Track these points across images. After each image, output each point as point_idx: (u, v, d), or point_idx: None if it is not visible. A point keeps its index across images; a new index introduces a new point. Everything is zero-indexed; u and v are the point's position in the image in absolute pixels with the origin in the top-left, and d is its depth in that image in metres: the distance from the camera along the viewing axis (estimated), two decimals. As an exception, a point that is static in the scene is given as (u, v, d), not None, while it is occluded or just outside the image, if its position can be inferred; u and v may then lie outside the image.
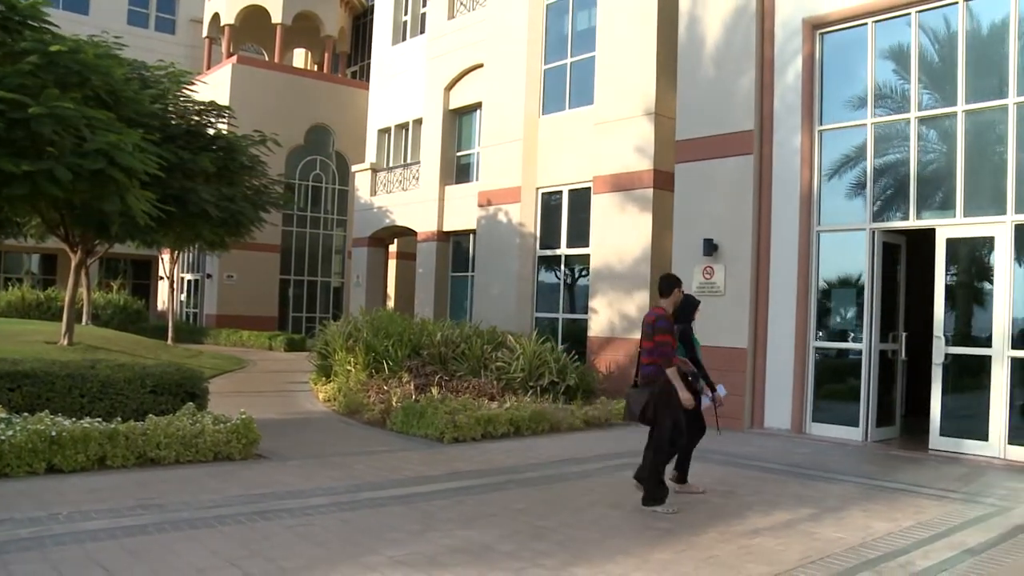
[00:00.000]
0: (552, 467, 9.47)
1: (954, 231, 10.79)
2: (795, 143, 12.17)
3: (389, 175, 25.21)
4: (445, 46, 22.28)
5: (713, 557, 5.94)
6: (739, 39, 12.87)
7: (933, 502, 7.99)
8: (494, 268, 18.38)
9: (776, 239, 12.32)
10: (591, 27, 16.79)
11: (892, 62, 11.58)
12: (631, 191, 15.24)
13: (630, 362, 14.82)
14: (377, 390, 13.48)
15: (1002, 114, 10.44)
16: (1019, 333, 10.22)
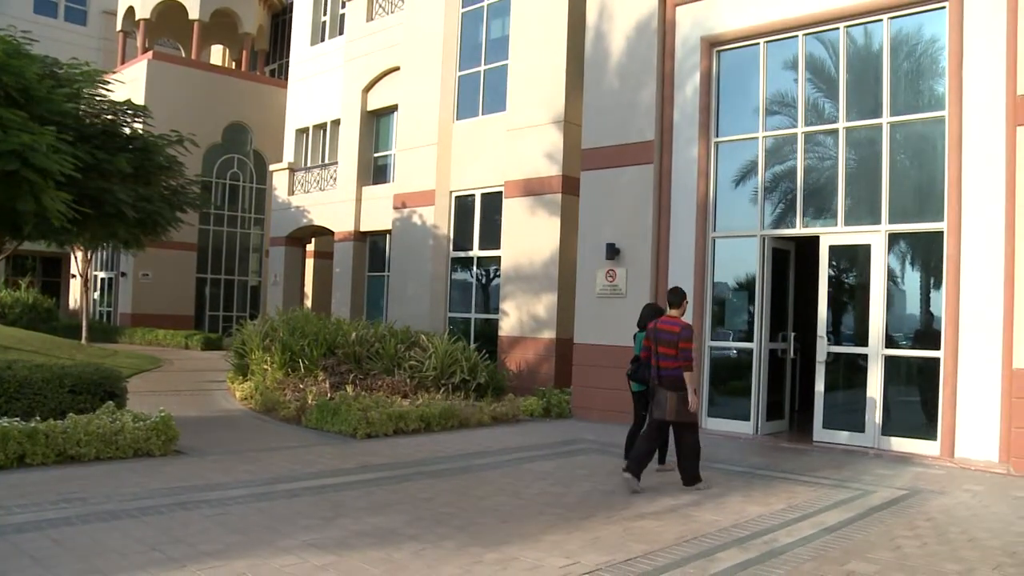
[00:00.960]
0: (459, 460, 9.93)
1: (835, 239, 11.60)
2: (693, 154, 12.87)
3: (307, 175, 25.33)
4: (363, 48, 22.52)
5: (598, 538, 6.46)
6: (642, 54, 13.51)
7: (806, 488, 8.69)
8: (409, 269, 18.76)
9: (675, 244, 13.01)
10: (504, 36, 17.31)
11: (782, 80, 12.35)
12: (541, 196, 15.81)
13: (539, 360, 15.42)
14: (293, 388, 13.76)
15: (877, 132, 11.29)
16: (892, 333, 11.06)
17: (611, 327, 13.40)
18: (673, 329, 8.51)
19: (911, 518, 7.46)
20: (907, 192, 11.12)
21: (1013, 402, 9.83)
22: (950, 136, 10.58)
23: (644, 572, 5.62)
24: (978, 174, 10.35)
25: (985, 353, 10.18)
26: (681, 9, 13.23)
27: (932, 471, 9.78)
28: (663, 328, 8.58)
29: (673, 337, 8.43)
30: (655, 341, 8.58)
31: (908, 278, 11.35)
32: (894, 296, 11.17)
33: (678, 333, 8.45)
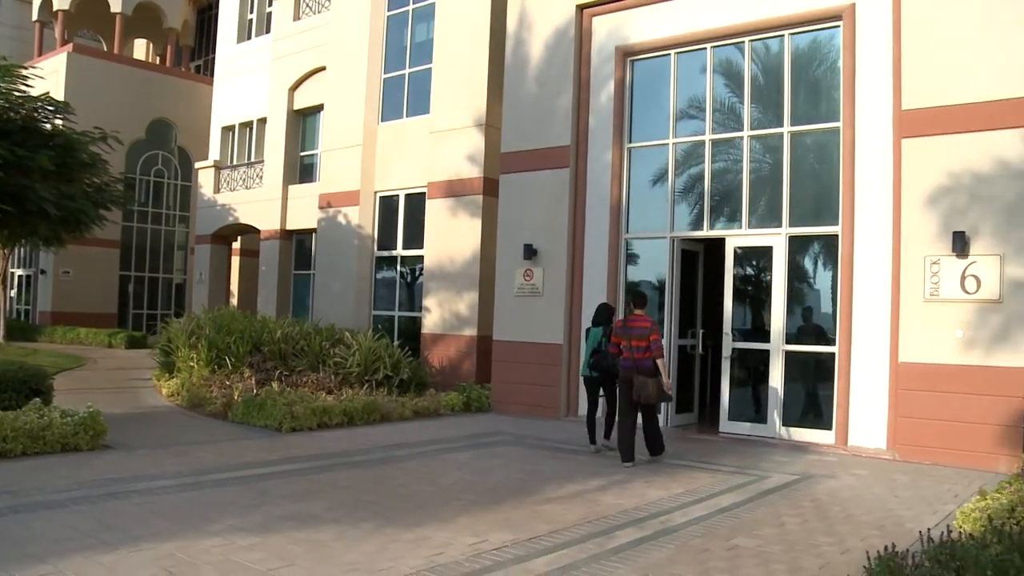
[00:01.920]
0: (380, 451, 10.31)
1: (740, 241, 12.31)
2: (607, 158, 13.45)
3: (233, 173, 25.31)
4: (290, 47, 22.63)
5: (508, 519, 6.94)
6: (559, 61, 14.04)
7: (707, 474, 9.30)
8: (334, 267, 19.02)
9: (589, 245, 13.58)
10: (429, 40, 17.69)
11: (691, 89, 13.01)
12: (462, 197, 16.25)
13: (461, 357, 15.86)
14: (219, 385, 13.96)
15: (779, 140, 12.02)
16: (792, 330, 11.78)
17: (529, 325, 13.93)
18: (644, 325, 9.89)
19: (798, 500, 8.10)
20: (806, 197, 11.86)
21: (899, 393, 10.60)
22: (844, 146, 11.34)
23: (546, 548, 6.11)
24: (869, 182, 11.12)
25: (875, 348, 10.94)
26: (597, 19, 13.82)
27: (826, 458, 10.49)
28: (633, 324, 9.93)
29: (644, 331, 9.80)
30: (627, 336, 9.87)
31: (807, 278, 12.08)
32: (794, 295, 11.89)
33: (648, 328, 9.84)
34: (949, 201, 10.40)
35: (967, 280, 10.23)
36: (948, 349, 10.27)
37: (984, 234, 10.17)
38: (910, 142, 10.71)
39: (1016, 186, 10.00)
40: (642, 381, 9.74)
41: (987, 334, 10.06)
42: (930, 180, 10.52)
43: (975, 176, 10.26)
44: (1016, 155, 10.01)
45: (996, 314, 10.03)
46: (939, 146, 10.50)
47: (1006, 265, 9.99)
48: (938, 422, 10.21)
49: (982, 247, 10.16)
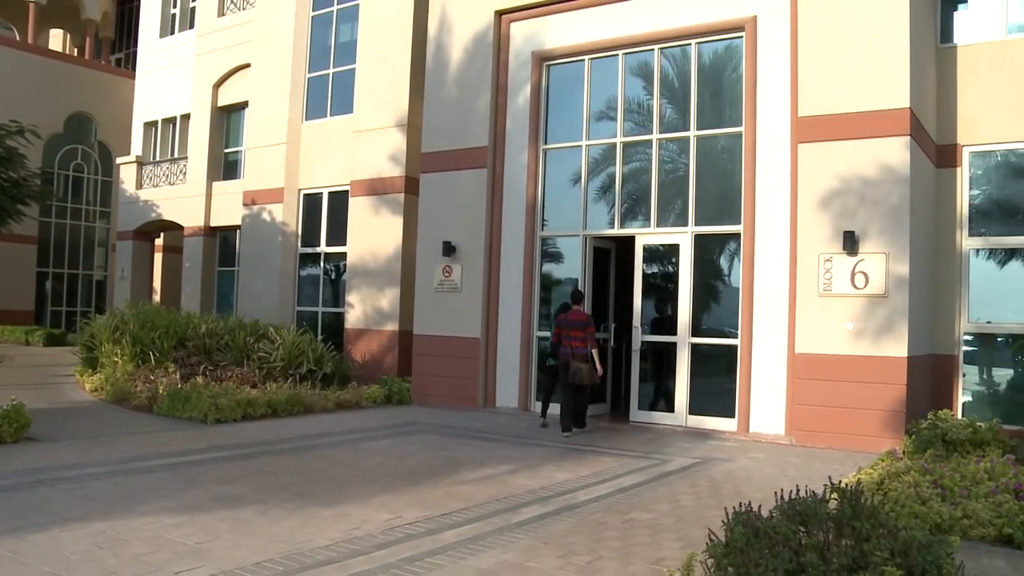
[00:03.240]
0: (303, 440, 10.68)
1: (649, 239, 12.96)
2: (523, 159, 13.99)
3: (156, 169, 25.15)
4: (214, 43, 22.61)
5: (422, 499, 7.41)
6: (478, 65, 14.52)
7: (613, 459, 9.88)
8: (258, 264, 19.19)
9: (506, 242, 14.12)
10: (353, 41, 18.00)
11: (604, 94, 13.63)
12: (385, 195, 16.62)
13: (383, 351, 16.24)
14: (144, 379, 14.08)
15: (686, 144, 12.70)
16: (697, 324, 12.47)
17: (448, 319, 14.40)
18: (581, 319, 11.77)
19: (696, 480, 8.72)
20: (711, 198, 12.55)
21: (796, 382, 11.34)
22: (746, 149, 12.06)
23: (456, 522, 6.59)
24: (769, 184, 11.86)
25: (774, 340, 11.68)
26: (515, 25, 14.35)
27: (728, 444, 11.18)
28: (573, 319, 11.78)
29: (581, 325, 11.68)
30: (567, 327, 11.71)
31: (711, 274, 12.78)
32: (699, 290, 12.58)
33: (584, 322, 11.73)
34: (840, 203, 11.18)
35: (857, 276, 11.01)
36: (840, 340, 11.04)
37: (872, 234, 10.97)
38: (806, 147, 11.47)
39: (899, 190, 10.82)
40: (576, 366, 11.47)
41: (874, 326, 10.86)
42: (823, 183, 11.29)
43: (864, 180, 11.06)
44: (900, 161, 10.83)
45: (882, 308, 10.84)
46: (832, 152, 11.27)
47: (891, 263, 10.80)
48: (831, 408, 10.98)
49: (870, 246, 10.96)
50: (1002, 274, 12.23)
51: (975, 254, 12.23)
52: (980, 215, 12.32)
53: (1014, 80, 11.95)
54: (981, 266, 12.25)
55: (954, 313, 12.21)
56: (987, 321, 12.10)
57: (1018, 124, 11.90)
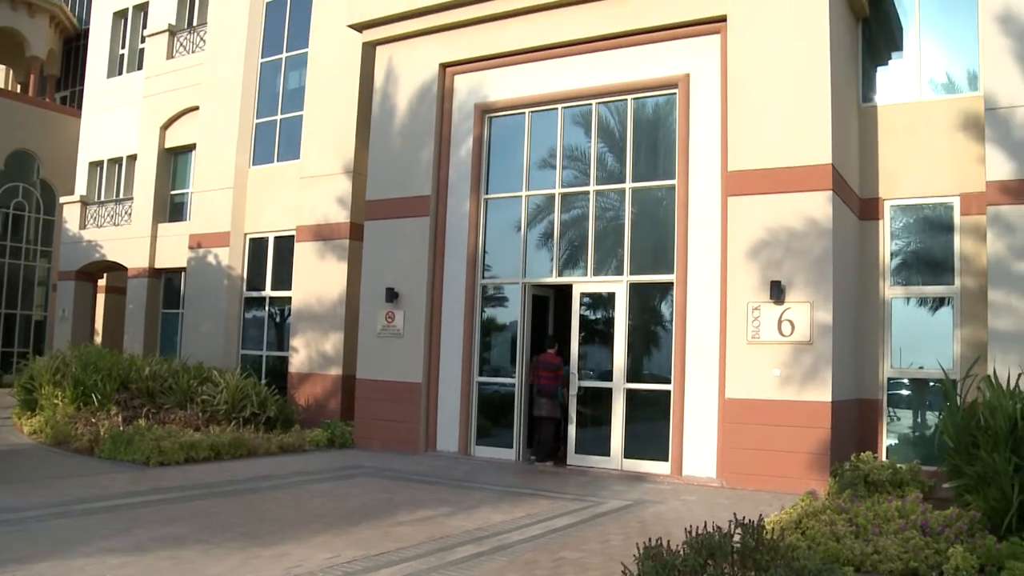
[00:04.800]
0: (245, 482, 10.84)
1: (586, 287, 13.43)
2: (465, 208, 14.40)
3: (100, 209, 25.03)
4: (163, 85, 22.67)
5: (361, 539, 7.67)
6: (423, 115, 14.95)
7: (549, 501, 10.19)
8: (203, 307, 19.25)
9: (448, 289, 14.47)
10: (301, 88, 18.33)
11: (544, 145, 14.13)
12: (330, 241, 16.88)
13: (326, 395, 16.40)
14: (85, 422, 14.03)
15: (622, 195, 13.22)
16: (633, 369, 12.89)
17: (391, 364, 14.66)
18: (553, 361, 13.39)
19: (627, 521, 9.07)
20: (646, 247, 13.05)
21: (727, 426, 11.78)
22: (679, 202, 12.59)
23: (392, 561, 6.87)
24: (701, 235, 12.39)
25: (705, 386, 12.13)
26: (459, 78, 14.83)
27: (661, 487, 11.55)
28: (545, 360, 13.40)
29: (552, 367, 13.33)
30: (540, 368, 13.36)
31: (646, 322, 13.23)
32: (635, 337, 13.02)
33: (556, 364, 13.35)
34: (768, 254, 11.73)
35: (783, 324, 11.53)
36: (768, 386, 11.52)
37: (798, 284, 11.51)
38: (735, 200, 12.03)
39: (823, 242, 11.40)
40: (540, 400, 13.24)
41: (800, 372, 11.36)
42: (752, 235, 11.83)
43: (789, 232, 11.63)
44: (823, 214, 11.42)
45: (807, 354, 11.35)
46: (759, 205, 11.84)
47: (816, 311, 11.34)
48: (760, 452, 11.41)
49: (796, 295, 11.50)
50: (922, 321, 12.84)
51: (897, 302, 12.83)
52: (901, 265, 12.97)
53: (930, 138, 12.69)
54: (903, 314, 12.85)
55: (878, 359, 12.78)
56: (912, 365, 12.66)
57: (935, 179, 12.61)
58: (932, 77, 13.09)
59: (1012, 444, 8.38)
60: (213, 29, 20.53)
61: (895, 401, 12.87)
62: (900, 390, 12.92)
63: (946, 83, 13.06)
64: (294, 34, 18.83)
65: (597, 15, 13.30)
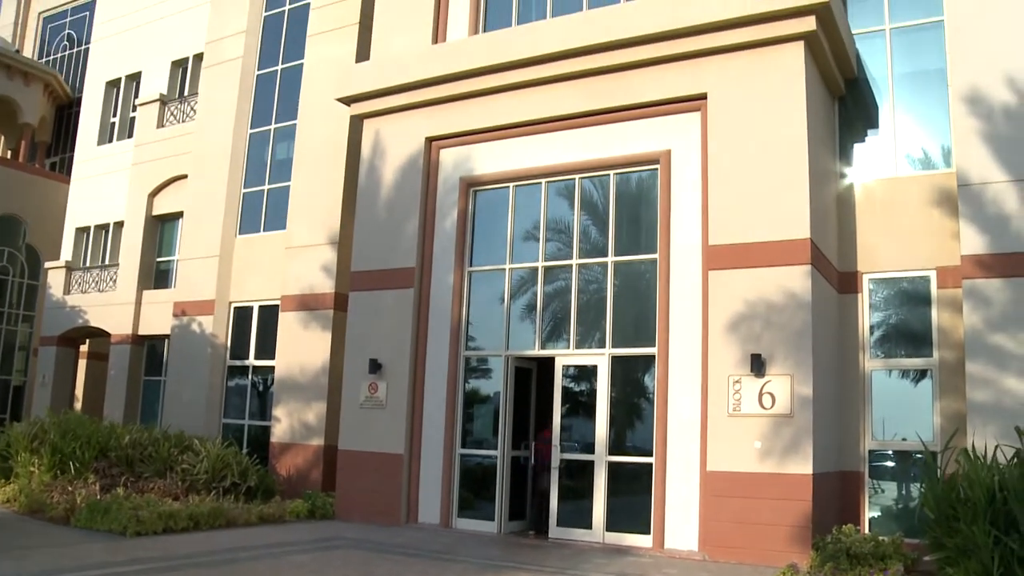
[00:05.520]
0: (224, 553, 10.74)
1: (568, 360, 13.49)
2: (449, 280, 14.52)
3: (85, 275, 25.02)
4: (152, 153, 22.86)
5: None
6: (409, 187, 15.14)
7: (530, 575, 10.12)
8: (186, 375, 19.19)
9: (431, 361, 14.50)
10: (288, 159, 18.57)
11: (528, 219, 14.31)
12: (314, 311, 16.95)
13: (308, 466, 16.29)
14: (62, 491, 13.89)
15: (604, 269, 13.38)
16: (615, 442, 12.89)
17: (373, 435, 14.60)
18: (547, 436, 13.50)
19: (608, 597, 9.00)
20: (628, 320, 13.15)
21: (708, 499, 11.75)
22: (660, 275, 12.73)
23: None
24: (682, 308, 12.51)
25: (687, 458, 12.12)
26: (444, 151, 15.07)
27: (643, 560, 11.49)
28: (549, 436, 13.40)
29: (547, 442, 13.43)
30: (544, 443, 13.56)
31: (628, 394, 13.27)
32: (617, 409, 13.06)
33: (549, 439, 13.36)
34: (748, 327, 11.84)
35: (764, 397, 11.59)
36: (749, 458, 11.53)
37: (778, 357, 11.61)
38: (716, 274, 12.17)
39: (802, 315, 11.53)
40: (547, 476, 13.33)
41: (781, 445, 11.39)
42: (732, 308, 11.96)
43: (769, 305, 11.76)
44: (802, 288, 11.57)
45: (787, 427, 11.40)
46: (740, 279, 11.99)
47: (796, 384, 11.42)
48: (742, 524, 11.38)
49: (776, 368, 11.58)
50: (902, 393, 12.94)
51: (877, 375, 12.93)
52: (880, 338, 13.12)
53: (907, 212, 12.95)
54: (883, 386, 12.95)
55: (859, 431, 12.84)
56: (895, 437, 12.71)
57: (912, 253, 12.85)
58: (908, 153, 13.40)
59: (991, 516, 8.44)
60: (204, 99, 20.84)
61: (877, 473, 12.89)
62: (882, 462, 12.95)
63: (922, 158, 13.37)
64: (283, 106, 19.16)
65: (580, 92, 13.60)
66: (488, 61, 14.20)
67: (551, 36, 13.70)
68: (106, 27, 26.76)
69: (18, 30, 34.58)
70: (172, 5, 24.23)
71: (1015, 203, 11.57)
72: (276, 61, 19.73)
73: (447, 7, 15.89)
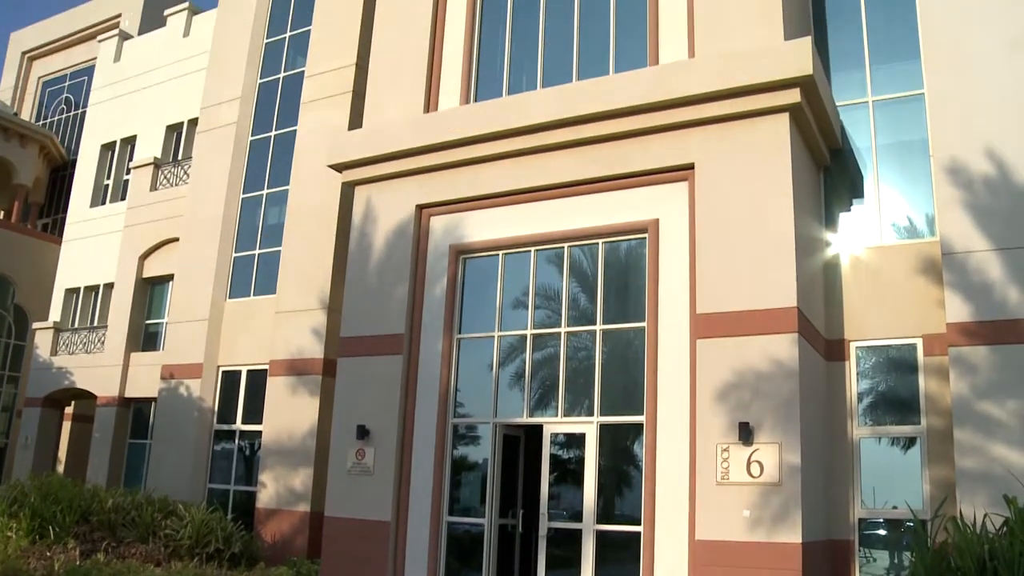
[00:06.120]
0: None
1: (556, 428, 13.47)
2: (438, 347, 14.53)
3: (74, 336, 24.95)
4: (144, 216, 23.05)
5: None
6: (399, 254, 15.23)
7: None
8: (172, 438, 19.06)
9: (419, 427, 14.43)
10: (280, 223, 18.74)
11: (517, 287, 14.38)
12: (303, 376, 16.94)
13: (294, 532, 16.11)
14: (39, 556, 13.68)
15: (592, 337, 13.42)
16: (603, 510, 12.80)
17: (360, 502, 14.45)
18: None
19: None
20: (616, 388, 13.15)
21: (697, 568, 11.62)
22: (648, 343, 12.77)
23: None
24: (670, 376, 12.51)
25: (675, 527, 12.01)
26: (435, 219, 15.20)
27: (632, 633, 11.33)
28: None
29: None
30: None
31: (616, 463, 13.22)
32: (605, 478, 12.99)
33: None
34: (736, 395, 11.85)
35: (752, 465, 11.55)
36: (737, 527, 11.44)
37: (766, 425, 11.60)
38: (703, 342, 12.22)
39: (790, 383, 11.55)
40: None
41: (769, 513, 11.32)
42: (720, 376, 11.98)
43: (757, 374, 11.79)
44: (789, 357, 11.62)
45: (776, 495, 11.34)
46: (727, 347, 12.03)
47: (784, 452, 11.39)
48: (731, 595, 11.27)
49: (764, 436, 11.57)
50: (891, 461, 12.94)
51: (866, 442, 12.93)
52: (869, 405, 13.14)
53: (892, 280, 13.10)
54: (872, 453, 12.95)
55: (848, 499, 12.79)
56: (886, 505, 12.66)
57: (898, 321, 12.95)
58: (894, 221, 13.59)
59: (981, 585, 8.39)
60: (197, 163, 21.09)
61: (867, 541, 12.81)
62: (872, 530, 12.88)
63: (907, 227, 13.56)
64: (276, 171, 19.39)
65: (569, 162, 13.79)
66: (478, 130, 14.43)
67: (541, 106, 13.96)
68: (103, 91, 27.11)
69: (17, 93, 35.05)
70: (169, 71, 24.65)
71: (998, 271, 11.73)
72: (270, 127, 20.03)
73: (439, 77, 16.18)
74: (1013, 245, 11.73)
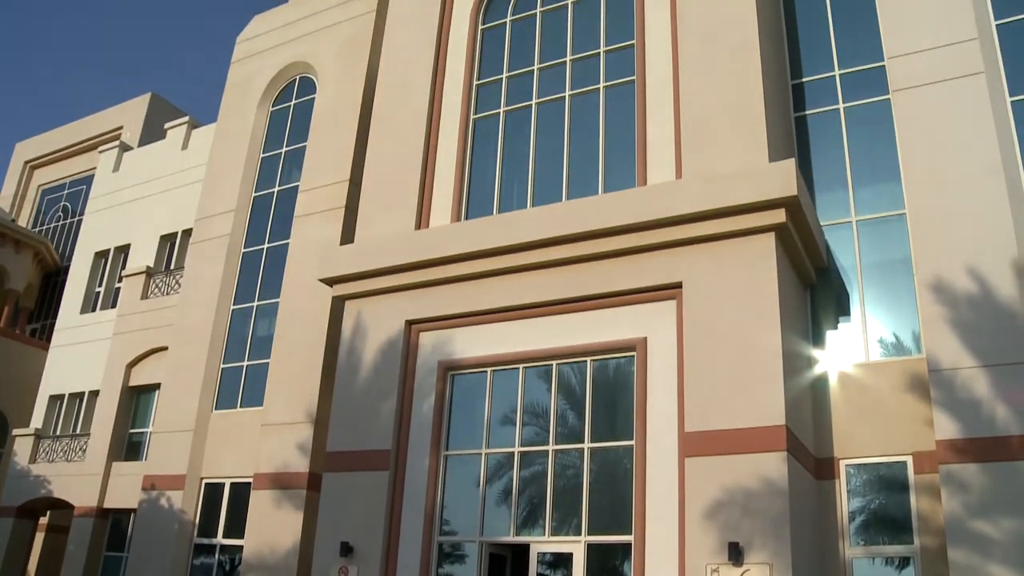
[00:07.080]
0: None
1: (543, 547, 13.28)
2: (425, 464, 14.41)
3: (55, 443, 24.46)
4: (134, 324, 22.99)
5: None
6: (387, 370, 15.23)
7: None
8: (150, 551, 18.57)
9: (404, 545, 14.16)
10: (269, 335, 18.77)
11: (505, 404, 14.38)
12: (287, 490, 16.67)
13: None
14: None
15: (580, 455, 13.35)
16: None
17: (342, 622, 14.10)
18: None
19: None
20: (604, 507, 13.00)
21: None
22: (637, 462, 12.68)
23: None
24: (658, 495, 12.39)
25: (665, 652, 11.73)
26: (424, 335, 15.27)
27: None
28: None
29: None
30: None
31: (604, 583, 12.97)
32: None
33: None
34: (726, 514, 11.72)
35: (743, 587, 11.34)
36: (725, 650, 11.17)
37: (756, 544, 11.43)
38: (692, 461, 12.15)
39: (779, 502, 11.44)
40: None
41: (761, 638, 11.07)
42: (709, 495, 11.87)
43: (746, 492, 11.68)
44: (778, 475, 11.54)
45: (766, 618, 11.10)
46: (716, 465, 11.96)
47: (775, 573, 11.20)
48: None
49: (755, 556, 11.39)
50: (885, 583, 12.70)
51: (858, 562, 12.73)
52: (860, 524, 12.99)
53: (880, 398, 13.15)
54: (865, 574, 12.70)
55: (841, 622, 12.52)
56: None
57: (887, 439, 12.93)
58: (880, 338, 13.73)
59: None
60: (189, 274, 21.21)
61: (862, 666, 12.49)
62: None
63: (894, 343, 13.69)
64: (267, 283, 19.54)
65: (558, 280, 13.98)
66: (468, 248, 14.65)
67: (530, 226, 14.22)
68: (101, 200, 27.45)
69: (17, 200, 35.55)
70: (166, 182, 25.06)
71: (985, 388, 11.79)
72: (263, 240, 20.29)
73: (431, 194, 16.52)
74: (998, 361, 11.83)
